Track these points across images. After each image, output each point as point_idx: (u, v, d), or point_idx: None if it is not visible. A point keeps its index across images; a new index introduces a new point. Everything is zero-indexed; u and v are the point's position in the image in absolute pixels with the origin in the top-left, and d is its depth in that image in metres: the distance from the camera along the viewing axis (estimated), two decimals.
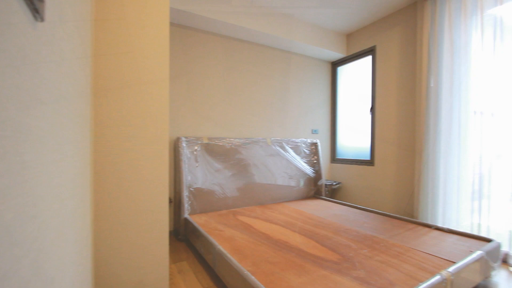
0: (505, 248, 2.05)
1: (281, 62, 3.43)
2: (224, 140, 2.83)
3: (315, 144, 3.47)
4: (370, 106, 3.38)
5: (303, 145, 3.38)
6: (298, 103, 3.59)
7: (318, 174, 3.41)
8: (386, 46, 3.15)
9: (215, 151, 2.76)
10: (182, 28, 2.75)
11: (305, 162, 3.35)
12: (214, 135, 2.91)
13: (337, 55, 3.63)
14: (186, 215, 2.46)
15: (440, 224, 2.42)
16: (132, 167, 1.38)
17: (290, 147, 3.24)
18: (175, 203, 2.64)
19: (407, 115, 2.92)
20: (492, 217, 2.14)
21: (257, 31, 2.90)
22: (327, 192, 3.64)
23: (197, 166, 2.63)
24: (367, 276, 1.38)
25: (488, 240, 1.86)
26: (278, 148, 3.14)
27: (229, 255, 1.57)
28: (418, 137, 2.67)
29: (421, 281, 1.30)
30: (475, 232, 2.22)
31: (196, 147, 2.66)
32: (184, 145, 2.56)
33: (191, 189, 2.58)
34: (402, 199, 2.97)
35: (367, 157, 3.43)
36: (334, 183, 3.61)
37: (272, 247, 1.78)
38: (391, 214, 2.58)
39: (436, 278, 1.30)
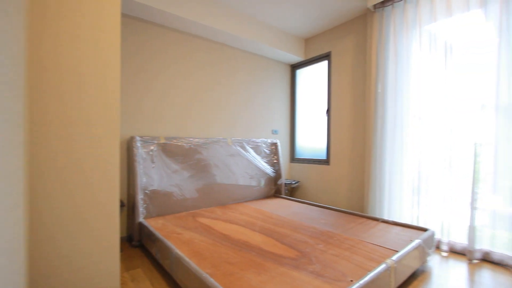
0: (438, 236, 2.33)
1: (242, 62, 3.44)
2: (183, 140, 2.74)
3: (275, 144, 3.55)
4: (326, 108, 3.56)
5: (264, 145, 3.43)
6: (259, 104, 3.64)
7: (278, 174, 3.49)
8: (340, 52, 3.35)
9: (173, 151, 2.66)
10: (139, 21, 2.59)
11: (265, 162, 3.40)
12: (172, 134, 2.79)
13: (296, 58, 3.76)
14: (141, 219, 2.32)
15: (386, 217, 2.65)
16: (77, 169, 1.25)
17: (250, 147, 3.27)
18: (129, 206, 2.47)
19: (359, 118, 3.15)
20: (428, 209, 2.42)
21: (219, 29, 2.86)
22: (286, 191, 3.75)
23: (153, 167, 2.50)
24: (322, 269, 1.45)
25: (425, 230, 2.09)
26: (239, 148, 3.14)
27: (187, 259, 1.52)
28: (367, 138, 2.89)
29: (369, 270, 1.41)
30: (414, 223, 2.48)
31: (152, 147, 2.52)
32: (138, 145, 2.42)
33: (146, 191, 2.44)
34: (354, 196, 3.19)
35: (324, 157, 3.61)
36: (293, 182, 3.73)
37: (232, 247, 1.77)
38: (345, 210, 2.75)
39: (382, 266, 1.42)
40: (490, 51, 2.07)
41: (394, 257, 1.54)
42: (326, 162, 3.54)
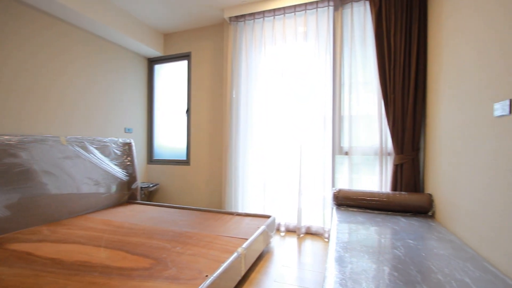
0: (278, 220, 2.82)
1: (86, 46, 2.83)
2: None
3: (128, 144, 3.15)
4: (186, 108, 3.54)
5: (114, 145, 2.97)
6: (108, 97, 3.13)
7: (132, 177, 3.12)
8: (200, 55, 3.43)
9: None
10: None
11: (116, 165, 2.96)
12: None
13: (154, 52, 3.52)
14: None
15: (240, 210, 2.95)
16: None
17: (95, 148, 2.73)
18: None
19: (217, 119, 3.33)
20: (271, 199, 2.88)
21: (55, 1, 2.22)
22: (143, 196, 3.42)
23: None
24: (178, 272, 1.41)
25: (268, 217, 2.48)
26: (78, 148, 2.56)
27: None
28: (224, 139, 3.11)
29: (223, 262, 1.49)
30: (261, 213, 2.89)
31: None
32: None
33: None
34: (214, 194, 3.34)
35: (184, 157, 3.57)
36: (151, 185, 3.46)
37: (64, 273, 1.40)
38: (205, 208, 2.83)
39: (234, 256, 1.55)
40: (310, 74, 2.74)
41: (244, 245, 1.72)
42: (186, 162, 3.52)
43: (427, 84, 2.26)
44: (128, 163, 3.12)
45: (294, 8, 2.75)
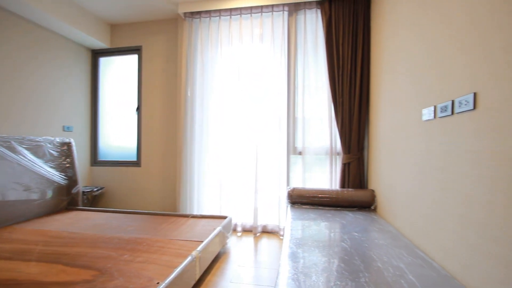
0: (234, 221, 2.81)
1: (15, 31, 2.46)
2: None
3: (67, 144, 2.83)
4: (136, 106, 3.32)
5: (49, 145, 2.64)
6: (43, 91, 2.77)
7: (72, 181, 2.81)
8: (152, 49, 3.24)
9: None
10: None
11: (52, 167, 2.63)
12: None
13: (99, 43, 3.22)
14: None
15: (196, 212, 2.86)
16: None
17: (25, 148, 2.39)
18: None
19: (171, 119, 3.19)
20: (228, 200, 2.86)
21: None
22: (86, 201, 3.10)
23: None
24: (126, 282, 1.30)
25: (224, 217, 2.45)
26: (2, 149, 2.21)
27: None
28: (179, 138, 2.99)
29: (176, 267, 1.43)
30: (218, 214, 2.85)
31: None
32: None
33: None
34: (167, 196, 3.19)
35: (134, 158, 3.34)
36: (96, 189, 3.16)
37: None
38: (157, 212, 2.68)
39: (188, 259, 1.49)
40: (264, 74, 2.79)
41: (199, 248, 1.67)
42: (137, 163, 3.29)
43: (370, 90, 2.49)
44: (68, 165, 2.79)
45: (251, 9, 2.77)
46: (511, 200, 0.86)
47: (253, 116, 2.82)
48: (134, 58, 3.35)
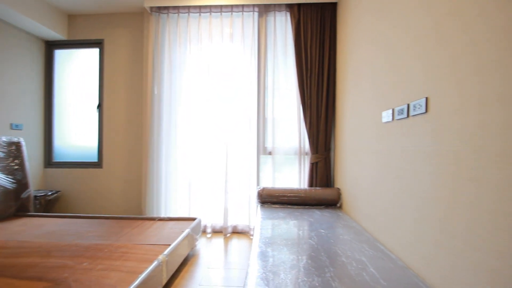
0: (204, 222, 2.75)
1: None
2: None
3: (16, 144, 2.56)
4: (97, 103, 3.11)
5: None
6: None
7: (22, 184, 2.54)
8: (115, 44, 3.06)
9: None
10: None
11: None
12: None
13: (54, 34, 2.96)
14: None
15: (163, 215, 2.76)
16: None
17: None
18: None
19: (135, 117, 3.03)
20: (197, 201, 2.79)
21: None
22: (38, 206, 2.83)
23: None
24: None
25: (193, 219, 2.39)
26: None
27: None
28: (144, 137, 2.86)
29: (141, 273, 1.36)
30: (187, 215, 2.77)
31: None
32: None
33: None
34: (132, 198, 3.03)
35: (95, 159, 3.12)
36: (50, 193, 2.90)
37: None
38: (120, 215, 2.53)
39: (154, 264, 1.43)
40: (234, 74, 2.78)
41: (166, 252, 1.61)
42: (98, 164, 3.09)
43: (336, 92, 2.60)
44: (16, 167, 2.53)
45: (221, 8, 2.74)
46: (457, 196, 0.95)
47: (223, 116, 2.80)
48: (95, 52, 3.13)
